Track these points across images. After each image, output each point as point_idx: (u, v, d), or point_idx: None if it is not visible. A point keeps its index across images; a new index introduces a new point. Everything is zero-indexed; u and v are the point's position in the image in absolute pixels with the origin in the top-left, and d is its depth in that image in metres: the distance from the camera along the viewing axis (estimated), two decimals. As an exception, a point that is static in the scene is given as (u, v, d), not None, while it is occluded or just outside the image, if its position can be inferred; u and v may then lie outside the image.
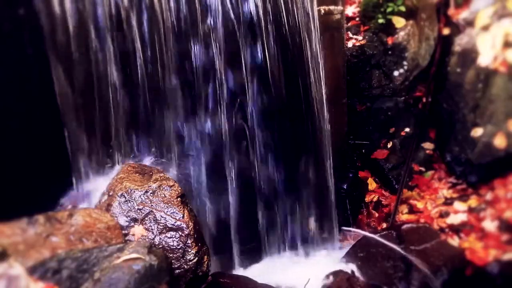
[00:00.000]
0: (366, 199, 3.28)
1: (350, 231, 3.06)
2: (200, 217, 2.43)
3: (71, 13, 2.08)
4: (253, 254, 2.77)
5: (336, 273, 2.54)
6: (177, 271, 1.92)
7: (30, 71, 2.06)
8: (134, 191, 2.08)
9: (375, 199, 3.26)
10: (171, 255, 1.93)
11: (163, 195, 2.08)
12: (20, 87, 2.04)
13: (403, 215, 3.08)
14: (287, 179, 2.80)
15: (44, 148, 2.12)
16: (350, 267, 2.61)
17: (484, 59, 3.03)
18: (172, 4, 2.29)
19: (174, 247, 1.97)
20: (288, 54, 2.66)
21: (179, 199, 2.08)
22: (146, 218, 2.02)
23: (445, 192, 3.15)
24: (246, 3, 2.45)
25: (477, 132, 3.03)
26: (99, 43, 2.16)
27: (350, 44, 3.34)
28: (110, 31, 2.17)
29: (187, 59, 2.40)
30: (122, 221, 2.00)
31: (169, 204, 2.06)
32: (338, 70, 3.10)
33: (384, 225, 3.11)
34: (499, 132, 2.95)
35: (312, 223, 2.95)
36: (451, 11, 3.46)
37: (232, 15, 2.44)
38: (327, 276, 2.53)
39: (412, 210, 3.11)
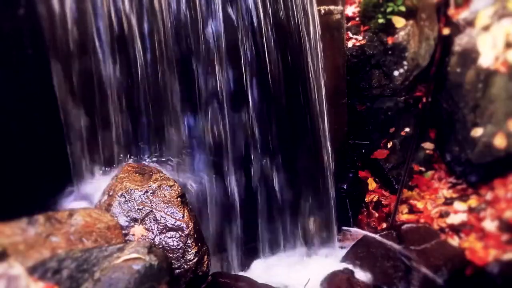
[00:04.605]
0: (366, 199, 3.28)
1: (350, 231, 3.06)
2: (200, 217, 2.43)
3: (71, 13, 2.08)
4: (253, 254, 2.77)
5: (336, 273, 2.54)
6: (177, 271, 1.92)
7: (30, 71, 2.05)
8: (134, 191, 2.08)
9: (375, 199, 3.26)
10: (171, 255, 1.93)
11: (163, 195, 2.08)
12: (20, 87, 2.04)
13: (403, 215, 3.08)
14: (287, 179, 2.79)
15: (44, 148, 2.12)
16: (350, 267, 2.61)
17: (485, 60, 3.03)
18: (172, 4, 2.29)
19: (174, 247, 1.97)
20: (288, 54, 2.66)
21: (179, 199, 2.09)
22: (146, 218, 2.02)
23: (445, 192, 3.15)
24: (245, 4, 2.45)
25: (477, 132, 3.03)
26: (99, 43, 2.16)
27: (350, 44, 3.35)
28: (110, 31, 2.17)
29: (187, 59, 2.40)
30: (122, 221, 2.00)
31: (169, 204, 2.06)
32: (338, 70, 3.10)
33: (384, 225, 3.11)
34: (499, 132, 2.95)
35: (312, 223, 2.95)
36: (451, 11, 3.46)
37: (232, 15, 2.44)
38: (327, 276, 2.53)
39: (412, 210, 3.11)
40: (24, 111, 2.06)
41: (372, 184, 3.32)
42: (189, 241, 1.98)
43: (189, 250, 1.97)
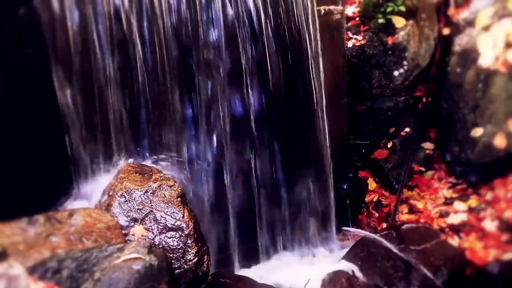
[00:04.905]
0: (366, 199, 3.28)
1: (350, 231, 3.06)
2: (200, 217, 2.43)
3: (71, 13, 2.08)
4: (253, 254, 2.77)
5: (336, 273, 2.54)
6: (177, 271, 1.92)
7: (30, 71, 2.05)
8: (134, 191, 2.08)
9: (375, 199, 3.26)
10: (171, 255, 1.93)
11: (163, 195, 2.08)
12: (20, 87, 2.04)
13: (403, 215, 3.08)
14: (287, 179, 2.80)
15: (44, 148, 2.12)
16: (350, 267, 2.61)
17: (485, 60, 3.03)
18: (172, 4, 2.29)
19: (174, 247, 1.97)
20: (288, 54, 2.66)
21: (179, 199, 2.08)
22: (146, 218, 2.02)
23: (445, 192, 3.15)
24: (246, 3, 2.45)
25: (477, 132, 3.03)
26: (99, 43, 2.16)
27: (350, 44, 3.35)
28: (110, 31, 2.17)
29: (187, 59, 2.40)
30: (122, 221, 2.00)
31: (169, 204, 2.06)
32: (338, 70, 3.10)
33: (384, 225, 3.11)
34: (499, 132, 2.95)
35: (312, 223, 2.95)
36: (451, 11, 3.46)
37: (232, 16, 2.44)
38: (327, 276, 2.53)
39: (412, 210, 3.11)
40: (24, 111, 2.06)
41: (372, 184, 3.32)
42: (189, 241, 1.98)
43: (189, 250, 1.97)
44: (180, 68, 2.38)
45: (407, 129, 3.37)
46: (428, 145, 3.37)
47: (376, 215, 3.20)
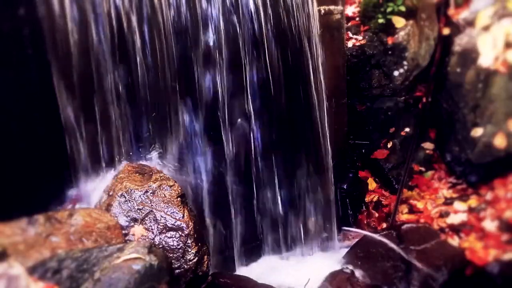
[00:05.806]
0: (366, 199, 3.28)
1: (350, 231, 3.06)
2: (201, 217, 2.43)
3: (71, 13, 2.08)
4: (253, 254, 2.77)
5: (336, 273, 2.54)
6: (177, 271, 1.92)
7: (30, 71, 2.05)
8: (134, 191, 2.08)
9: (375, 199, 3.26)
10: (171, 255, 1.93)
11: (163, 195, 2.08)
12: (20, 87, 2.04)
13: (403, 215, 3.08)
14: (287, 179, 2.80)
15: (44, 148, 2.12)
16: (350, 267, 2.61)
17: (485, 60, 3.03)
18: (172, 4, 2.29)
19: (174, 247, 1.97)
20: (288, 54, 2.66)
21: (179, 199, 2.09)
22: (146, 218, 2.02)
23: (445, 192, 3.15)
24: (246, 4, 2.45)
25: (477, 132, 3.03)
26: (99, 43, 2.16)
27: (350, 44, 3.35)
28: (110, 30, 2.17)
29: (187, 59, 2.40)
30: (122, 221, 2.00)
31: (169, 204, 2.06)
32: (338, 70, 3.10)
33: (384, 225, 3.11)
34: (499, 132, 2.95)
35: (312, 223, 2.95)
36: (451, 11, 3.46)
37: (232, 16, 2.44)
38: (327, 276, 2.53)
39: (412, 210, 3.11)
40: (24, 111, 2.06)
41: (372, 184, 3.32)
42: (189, 241, 1.98)
43: (189, 250, 1.97)
44: (180, 67, 2.38)
45: (407, 129, 3.37)
46: (428, 145, 3.37)
47: (376, 215, 3.20)
